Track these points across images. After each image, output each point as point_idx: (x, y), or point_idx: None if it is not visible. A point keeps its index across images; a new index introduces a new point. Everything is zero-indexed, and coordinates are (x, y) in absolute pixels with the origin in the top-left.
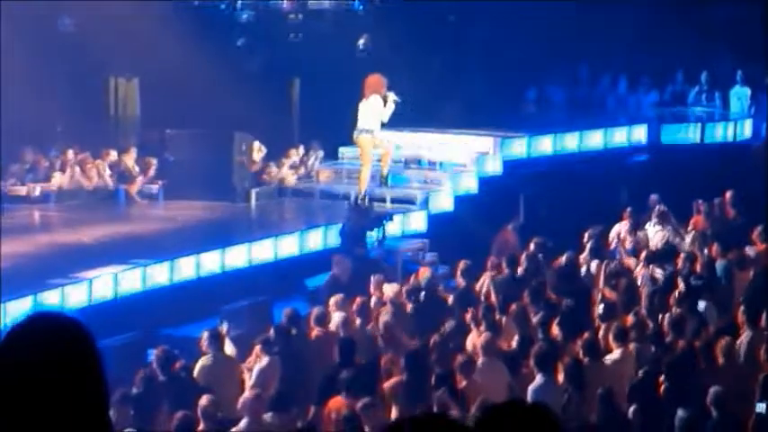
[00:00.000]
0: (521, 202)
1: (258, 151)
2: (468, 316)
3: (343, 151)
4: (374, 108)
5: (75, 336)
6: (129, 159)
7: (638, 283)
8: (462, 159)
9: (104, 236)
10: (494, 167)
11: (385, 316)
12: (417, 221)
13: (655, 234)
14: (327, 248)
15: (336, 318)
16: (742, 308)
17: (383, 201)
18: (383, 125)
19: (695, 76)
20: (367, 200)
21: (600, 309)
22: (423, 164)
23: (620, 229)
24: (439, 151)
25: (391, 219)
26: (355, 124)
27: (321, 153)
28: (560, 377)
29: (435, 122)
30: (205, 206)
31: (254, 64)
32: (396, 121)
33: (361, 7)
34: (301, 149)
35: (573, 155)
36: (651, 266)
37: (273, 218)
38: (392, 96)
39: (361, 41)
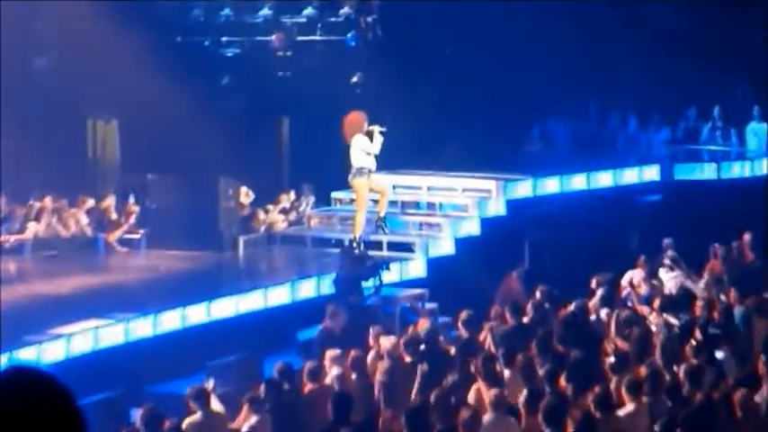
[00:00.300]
0: (525, 246)
1: (245, 196)
2: (472, 368)
3: (337, 196)
4: (362, 147)
5: (51, 392)
6: (109, 206)
7: (652, 332)
8: (463, 201)
9: (83, 287)
10: (496, 209)
11: (382, 370)
12: (416, 268)
13: (668, 280)
14: (320, 298)
15: (332, 373)
16: (763, 357)
17: (379, 247)
18: (377, 161)
19: (709, 112)
20: (362, 246)
21: (611, 360)
22: (421, 207)
23: (633, 275)
24: (438, 193)
25: (388, 266)
26: (349, 167)
27: (312, 198)
28: None
29: (434, 163)
30: (190, 255)
31: (241, 103)
32: (392, 163)
33: (353, 42)
34: (292, 194)
35: (581, 196)
36: (665, 314)
37: (262, 267)
38: (377, 129)
39: (354, 78)
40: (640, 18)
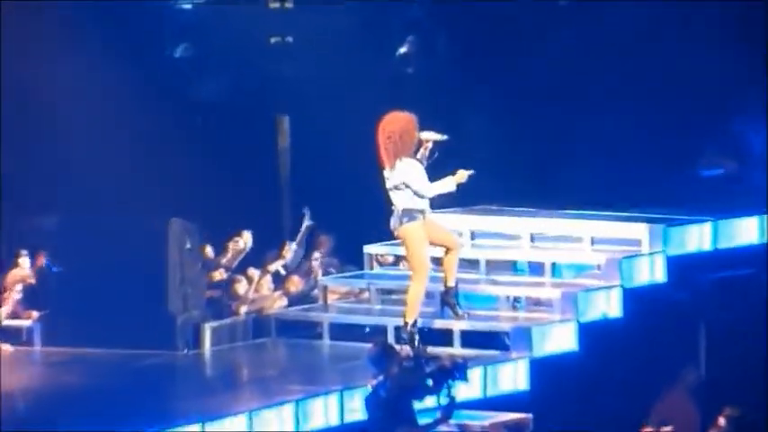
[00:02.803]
0: (701, 336)
1: (227, 253)
2: None
3: (373, 251)
4: (406, 173)
5: None
6: None
7: None
8: (593, 260)
9: None
10: (650, 273)
11: None
12: (513, 377)
13: None
14: (345, 429)
15: None
16: None
17: (448, 340)
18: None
19: None
20: (417, 340)
21: None
22: (520, 269)
23: None
24: (549, 247)
25: (464, 373)
26: (390, 206)
27: (328, 252)
28: None
29: (540, 197)
30: (119, 357)
31: (207, 90)
32: (468, 196)
33: None
34: (292, 247)
35: None
36: None
37: (246, 377)
38: (432, 137)
39: (403, 48)
40: None
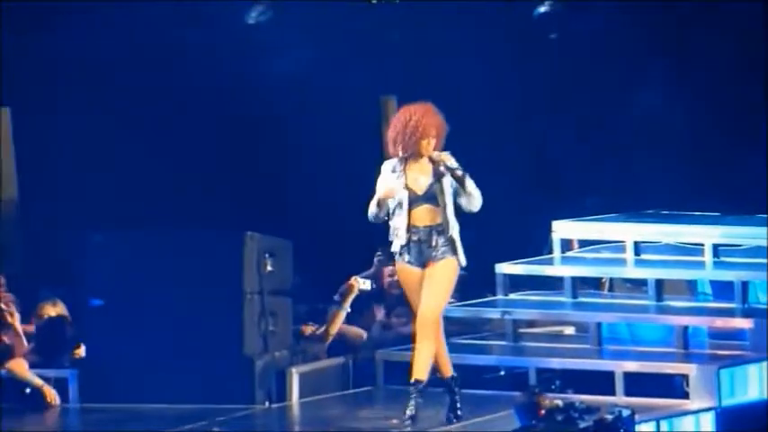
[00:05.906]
0: None
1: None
2: None
3: (508, 271)
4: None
5: None
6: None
7: None
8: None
9: None
10: None
11: None
12: None
13: None
14: None
15: None
16: None
17: (599, 388)
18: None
19: None
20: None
21: None
22: (701, 293)
23: None
24: (739, 263)
25: (631, 430)
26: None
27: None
28: None
29: (722, 199)
30: (181, 413)
31: (289, 65)
32: (630, 201)
33: None
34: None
35: None
36: None
37: None
38: (444, 158)
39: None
40: None
